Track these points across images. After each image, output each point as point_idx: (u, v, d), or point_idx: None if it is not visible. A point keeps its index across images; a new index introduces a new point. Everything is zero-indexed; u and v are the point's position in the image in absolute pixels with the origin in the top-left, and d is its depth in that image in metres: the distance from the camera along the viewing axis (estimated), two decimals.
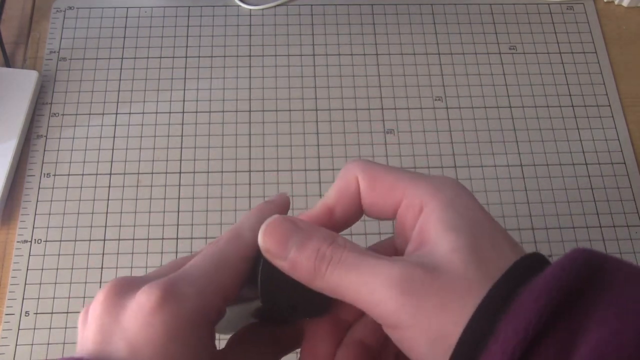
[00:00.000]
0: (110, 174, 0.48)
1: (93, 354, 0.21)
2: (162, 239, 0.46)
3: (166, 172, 0.49)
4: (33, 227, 0.46)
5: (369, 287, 0.20)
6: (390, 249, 0.26)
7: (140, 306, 0.20)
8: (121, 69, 0.53)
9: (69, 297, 0.44)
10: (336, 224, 0.25)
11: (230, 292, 0.23)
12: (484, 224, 0.22)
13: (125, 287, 0.22)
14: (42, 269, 0.45)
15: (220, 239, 0.24)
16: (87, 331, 0.22)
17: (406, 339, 0.20)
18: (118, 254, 0.45)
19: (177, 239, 0.46)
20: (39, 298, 0.44)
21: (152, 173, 0.48)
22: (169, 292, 0.21)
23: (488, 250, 0.21)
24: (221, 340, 0.28)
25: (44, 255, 0.45)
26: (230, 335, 0.27)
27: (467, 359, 0.18)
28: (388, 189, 0.23)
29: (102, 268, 0.45)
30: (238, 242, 0.23)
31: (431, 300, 0.19)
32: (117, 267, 0.45)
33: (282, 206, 0.26)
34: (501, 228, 0.22)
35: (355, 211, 0.25)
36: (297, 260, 0.21)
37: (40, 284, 0.44)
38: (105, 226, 0.46)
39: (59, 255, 0.45)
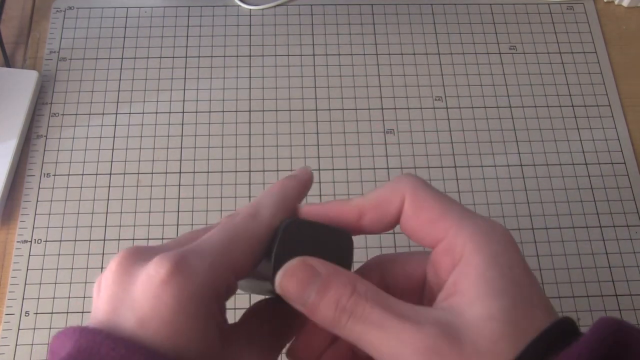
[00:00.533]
0: (110, 174, 0.48)
1: (101, 324, 0.20)
2: (162, 239, 0.46)
3: (166, 172, 0.49)
4: (33, 227, 0.46)
5: (392, 350, 0.20)
6: (419, 270, 0.25)
7: (150, 277, 0.20)
8: (121, 69, 0.53)
9: (69, 297, 0.44)
10: (360, 227, 0.24)
11: (243, 270, 0.23)
12: (524, 285, 0.21)
13: (138, 257, 0.22)
14: (42, 269, 0.45)
15: (238, 213, 0.23)
16: (99, 301, 0.22)
17: None
18: None
19: None
20: (39, 298, 0.44)
21: (152, 173, 0.48)
22: (179, 266, 0.20)
23: (522, 318, 0.20)
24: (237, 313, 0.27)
25: (44, 255, 0.45)
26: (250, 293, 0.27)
27: None
28: (432, 221, 0.22)
29: (102, 268, 0.45)
30: (255, 221, 0.23)
31: None
32: None
33: (305, 183, 0.26)
34: (538, 287, 0.21)
35: (386, 226, 0.24)
36: (316, 307, 0.21)
37: (40, 284, 0.44)
38: (105, 226, 0.46)
39: (59, 255, 0.45)
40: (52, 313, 0.43)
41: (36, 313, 0.43)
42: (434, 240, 0.22)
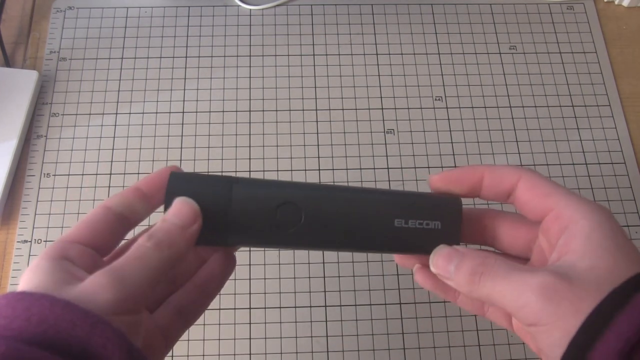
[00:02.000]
0: (110, 174, 0.48)
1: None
2: None
3: None
4: (33, 227, 0.46)
5: (515, 294, 0.24)
6: (525, 234, 0.29)
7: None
8: (121, 69, 0.53)
9: None
10: (478, 190, 0.29)
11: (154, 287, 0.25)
12: (623, 247, 0.24)
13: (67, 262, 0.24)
14: None
15: (150, 239, 0.25)
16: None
17: (542, 335, 0.23)
18: None
19: None
20: None
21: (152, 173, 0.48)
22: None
23: (621, 269, 0.23)
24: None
25: None
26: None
27: (585, 344, 0.22)
28: (544, 195, 0.27)
29: None
30: (168, 251, 0.25)
31: (567, 305, 0.23)
32: None
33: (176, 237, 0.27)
34: (636, 250, 0.25)
35: (500, 194, 0.28)
36: (457, 276, 0.26)
37: None
38: None
39: None
40: None
41: None
42: (545, 210, 0.27)
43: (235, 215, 0.27)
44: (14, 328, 0.20)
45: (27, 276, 0.23)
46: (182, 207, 0.26)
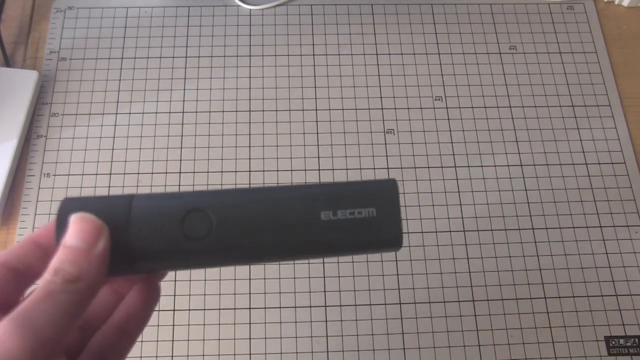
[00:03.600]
0: (110, 174, 0.48)
1: None
2: None
3: (166, 172, 0.49)
4: (33, 227, 0.46)
5: None
6: None
7: None
8: (121, 69, 0.53)
9: None
10: None
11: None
12: None
13: None
14: None
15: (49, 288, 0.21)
16: None
17: None
18: None
19: None
20: None
21: (152, 173, 0.48)
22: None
23: None
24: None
25: None
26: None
27: None
28: None
29: None
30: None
31: None
32: None
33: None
34: None
35: None
36: None
37: None
38: None
39: None
40: None
41: None
42: None
43: (137, 233, 0.23)
44: None
45: None
46: (80, 224, 0.22)
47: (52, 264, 0.22)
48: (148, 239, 0.23)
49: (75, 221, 0.22)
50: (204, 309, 0.44)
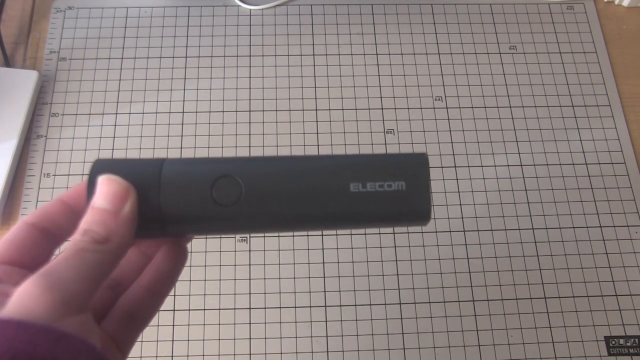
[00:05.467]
0: None
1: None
2: None
3: None
4: None
5: None
6: None
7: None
8: (121, 69, 0.53)
9: None
10: None
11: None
12: None
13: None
14: None
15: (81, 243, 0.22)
16: None
17: None
18: None
19: None
20: None
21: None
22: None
23: None
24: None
25: None
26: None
27: None
28: None
29: None
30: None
31: None
32: None
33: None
34: None
35: None
36: None
37: None
38: None
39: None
40: None
41: None
42: None
43: (166, 197, 0.24)
44: None
45: None
46: (107, 186, 0.23)
47: (81, 225, 0.22)
48: (177, 204, 0.24)
49: (103, 183, 0.23)
50: (204, 309, 0.44)
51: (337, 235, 0.47)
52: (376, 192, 0.24)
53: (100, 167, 0.24)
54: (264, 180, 0.24)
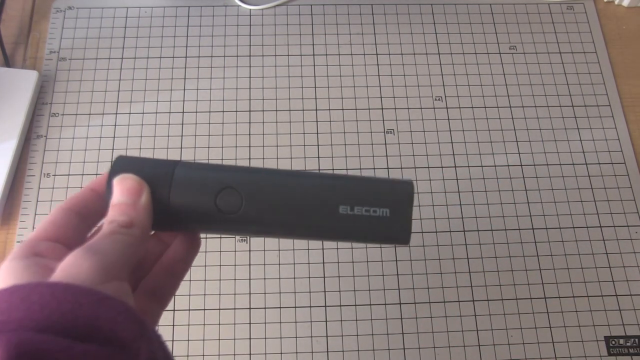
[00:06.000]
0: None
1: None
2: None
3: None
4: (33, 227, 0.46)
5: None
6: None
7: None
8: (121, 69, 0.53)
9: None
10: None
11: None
12: None
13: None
14: None
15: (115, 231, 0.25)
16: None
17: None
18: None
19: None
20: None
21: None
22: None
23: None
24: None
25: None
26: None
27: None
28: None
29: None
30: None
31: None
32: None
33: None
34: None
35: None
36: None
37: None
38: None
39: None
40: None
41: None
42: None
43: (176, 198, 0.27)
44: (14, 320, 0.20)
45: (1, 277, 0.23)
46: (123, 184, 0.26)
47: (106, 219, 0.26)
48: (185, 206, 0.27)
49: (118, 183, 0.26)
50: (204, 309, 0.44)
51: None
52: (362, 215, 0.27)
53: (121, 163, 0.27)
54: (262, 195, 0.27)
